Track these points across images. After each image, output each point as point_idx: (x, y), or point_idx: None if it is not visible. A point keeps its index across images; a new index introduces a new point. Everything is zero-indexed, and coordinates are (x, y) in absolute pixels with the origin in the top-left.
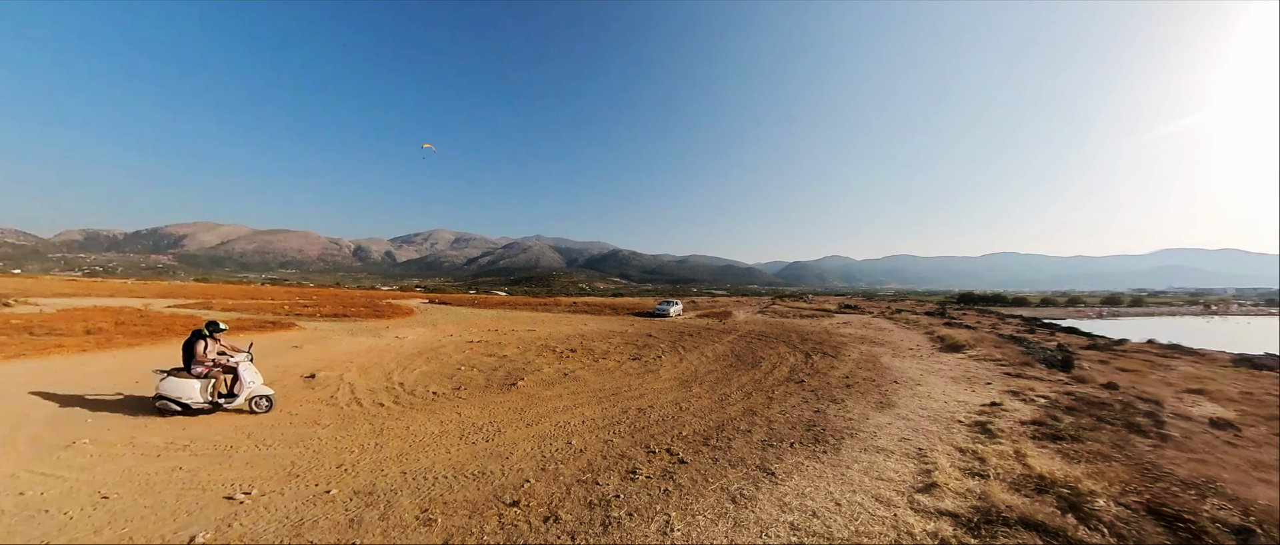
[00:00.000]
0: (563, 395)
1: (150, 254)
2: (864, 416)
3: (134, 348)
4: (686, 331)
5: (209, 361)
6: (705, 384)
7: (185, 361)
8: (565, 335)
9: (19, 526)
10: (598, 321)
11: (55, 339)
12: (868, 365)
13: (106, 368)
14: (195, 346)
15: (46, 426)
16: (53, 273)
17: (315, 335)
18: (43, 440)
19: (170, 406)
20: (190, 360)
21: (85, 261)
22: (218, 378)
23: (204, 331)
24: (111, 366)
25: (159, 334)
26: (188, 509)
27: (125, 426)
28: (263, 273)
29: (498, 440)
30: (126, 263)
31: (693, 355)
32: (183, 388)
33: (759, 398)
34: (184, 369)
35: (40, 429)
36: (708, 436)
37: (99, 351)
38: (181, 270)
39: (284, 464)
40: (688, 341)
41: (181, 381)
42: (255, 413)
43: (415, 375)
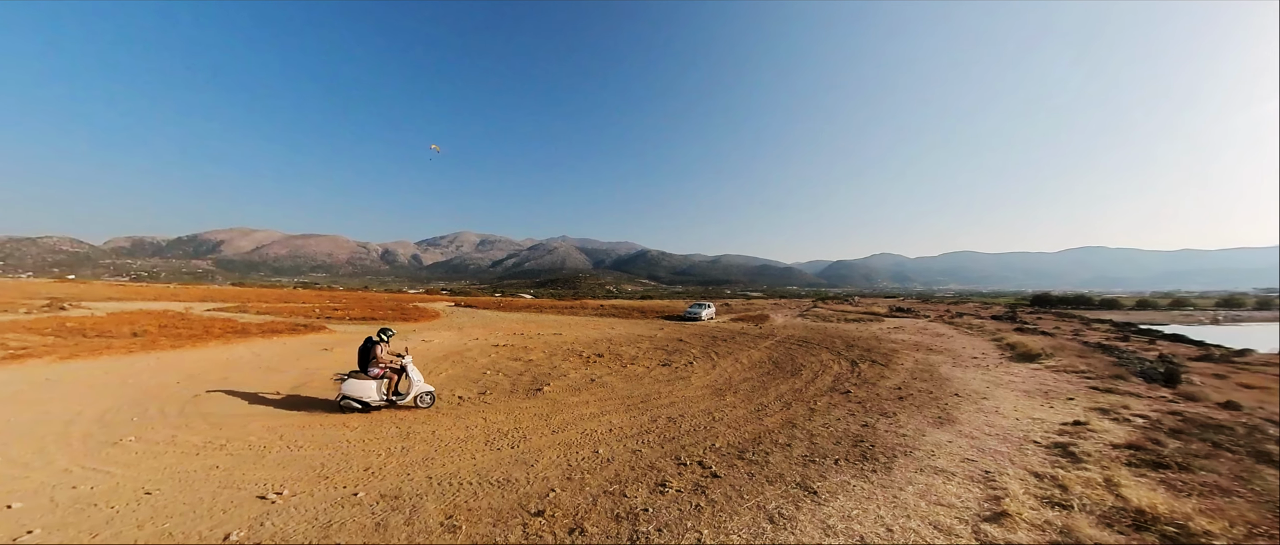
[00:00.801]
0: (590, 402)
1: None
2: (920, 433)
3: (176, 350)
4: (719, 336)
5: (385, 364)
6: (740, 393)
7: (361, 364)
8: (592, 339)
9: (72, 519)
10: (625, 325)
11: (105, 341)
12: (923, 375)
13: (150, 368)
14: (372, 350)
15: (96, 424)
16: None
17: (344, 338)
18: (93, 437)
19: (352, 405)
20: (366, 362)
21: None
22: (391, 378)
23: (376, 337)
24: (155, 367)
25: (199, 337)
26: (223, 507)
27: (166, 425)
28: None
29: (523, 447)
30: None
31: (726, 362)
32: (362, 388)
33: (799, 409)
34: (361, 371)
35: (91, 426)
36: (743, 449)
37: (144, 353)
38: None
39: (314, 465)
40: (721, 347)
41: (361, 382)
42: (419, 408)
43: (441, 379)
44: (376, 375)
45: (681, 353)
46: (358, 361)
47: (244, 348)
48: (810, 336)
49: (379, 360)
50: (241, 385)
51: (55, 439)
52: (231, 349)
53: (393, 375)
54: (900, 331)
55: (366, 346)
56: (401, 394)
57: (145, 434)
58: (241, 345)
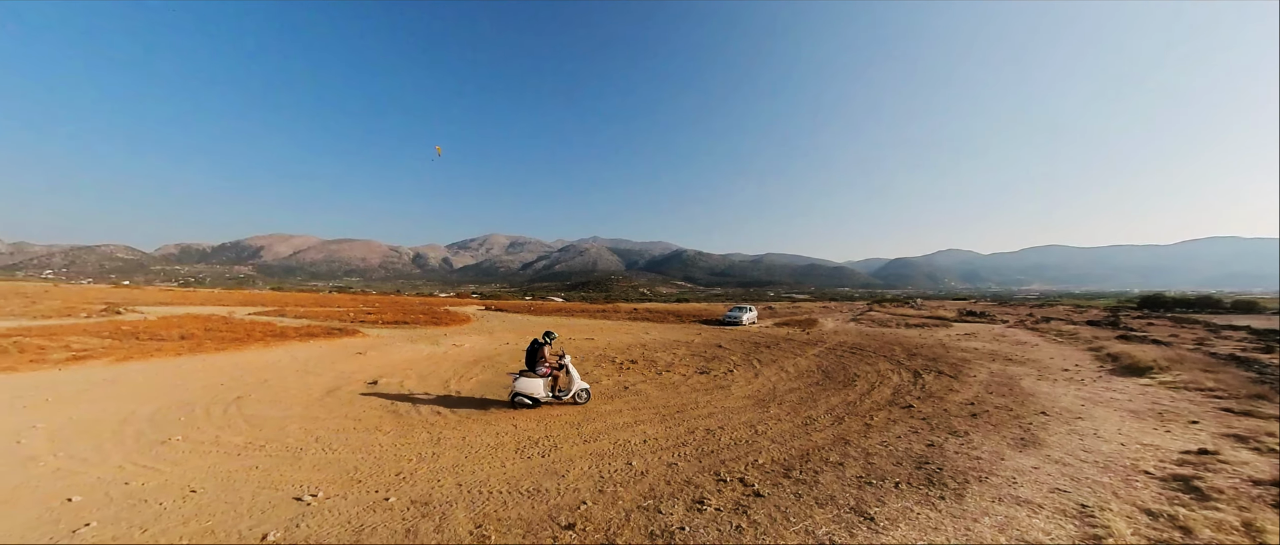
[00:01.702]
0: (623, 410)
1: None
2: (997, 456)
3: (220, 352)
4: (762, 342)
5: (551, 364)
6: (786, 404)
7: (529, 363)
8: (625, 345)
9: (124, 514)
10: (660, 330)
11: (156, 343)
12: (1001, 389)
13: (197, 370)
14: (540, 351)
15: (148, 423)
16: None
17: (377, 342)
18: (145, 435)
19: (524, 401)
20: (534, 362)
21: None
22: (558, 376)
23: (541, 340)
24: (201, 369)
25: (241, 340)
26: (262, 507)
27: (211, 426)
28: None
29: (554, 456)
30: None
31: (770, 370)
32: (532, 386)
33: (853, 424)
34: (529, 370)
35: (143, 425)
36: (789, 467)
37: (191, 355)
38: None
39: (347, 468)
40: (764, 354)
41: (531, 380)
42: (578, 403)
43: (471, 384)
44: (544, 373)
45: (721, 360)
46: (526, 361)
47: (282, 351)
48: (865, 343)
49: (546, 360)
50: (280, 387)
51: (111, 436)
52: (271, 352)
53: (558, 373)
54: (972, 339)
55: (534, 348)
56: (564, 391)
57: (191, 434)
58: (280, 348)
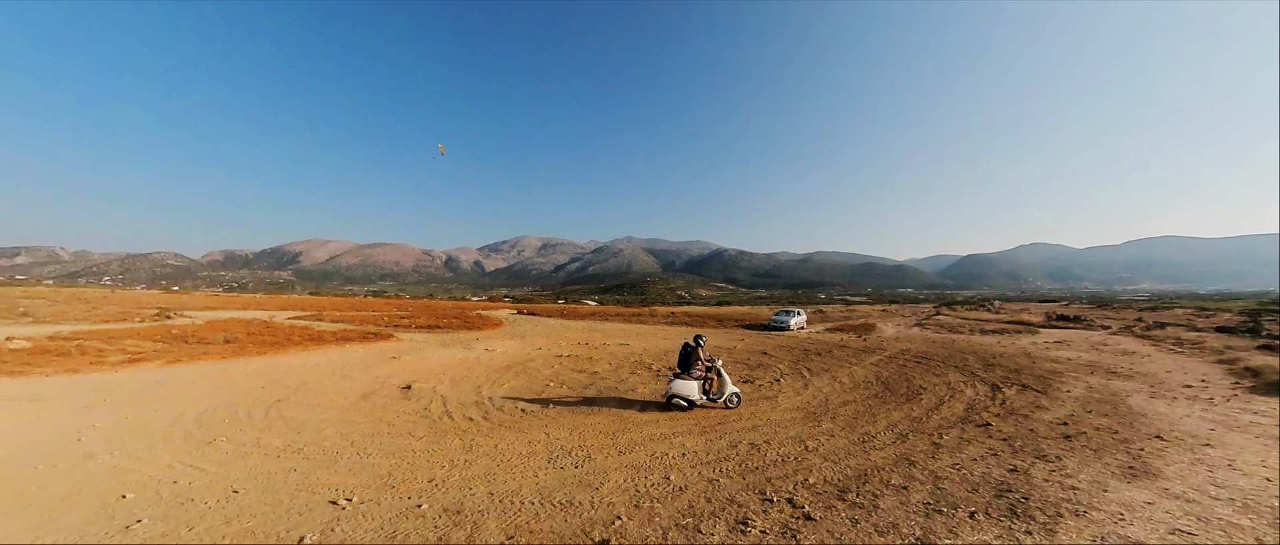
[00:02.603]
0: (660, 420)
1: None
2: (1098, 486)
3: (261, 356)
4: (812, 349)
5: (704, 367)
6: (840, 419)
7: (681, 366)
8: (662, 350)
9: (172, 511)
10: None
11: (202, 347)
12: (1103, 407)
13: (240, 373)
14: (695, 353)
15: (195, 424)
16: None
17: (411, 346)
18: (192, 436)
19: (679, 403)
20: (687, 365)
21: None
22: (711, 380)
23: (693, 343)
24: (244, 372)
25: (281, 344)
26: (299, 510)
27: (252, 428)
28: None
29: (587, 467)
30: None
31: (822, 380)
32: (688, 388)
33: (919, 443)
34: (683, 372)
35: (191, 426)
36: (844, 488)
37: (235, 358)
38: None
39: (381, 473)
40: (814, 362)
41: (686, 382)
42: (729, 407)
43: (504, 390)
44: (698, 376)
45: (766, 368)
46: (678, 363)
47: (320, 355)
48: (932, 351)
49: (701, 363)
50: (318, 391)
51: (162, 436)
52: (309, 355)
53: (712, 377)
54: (1064, 347)
55: (687, 351)
56: (717, 394)
57: (234, 435)
58: (318, 352)
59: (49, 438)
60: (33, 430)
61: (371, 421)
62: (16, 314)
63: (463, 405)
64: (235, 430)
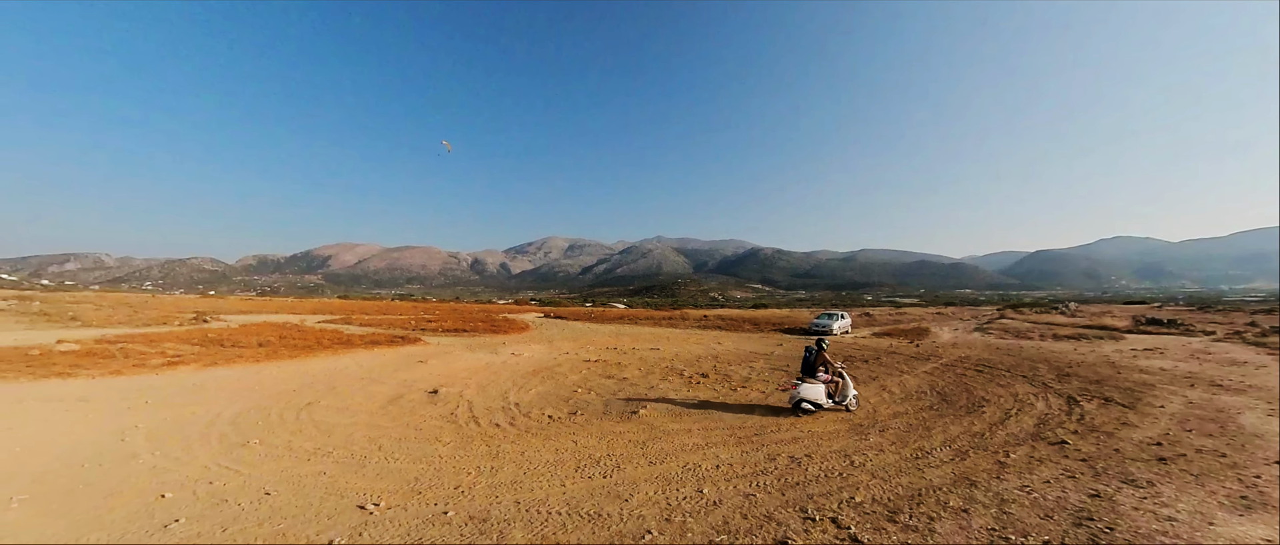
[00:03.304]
0: (693, 430)
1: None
2: (1202, 518)
3: (293, 359)
4: (858, 356)
5: (833, 371)
6: (890, 432)
7: (806, 370)
8: (695, 356)
9: (208, 512)
10: (734, 339)
11: (237, 350)
12: (1207, 426)
13: (273, 376)
14: (820, 356)
15: (230, 426)
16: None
17: (438, 350)
18: (227, 438)
19: (807, 407)
20: (811, 369)
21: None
22: (835, 383)
23: (818, 346)
24: (276, 375)
25: (311, 347)
26: (328, 514)
27: (284, 430)
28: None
29: (616, 477)
30: (287, 283)
31: (869, 389)
32: (816, 392)
33: (981, 461)
34: (807, 375)
35: (226, 428)
36: (895, 509)
37: (268, 362)
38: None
39: (408, 479)
40: (861, 370)
41: (814, 386)
42: (850, 411)
43: (531, 396)
44: (826, 380)
45: None
46: (802, 367)
47: (349, 358)
48: (995, 359)
49: (826, 365)
50: (347, 395)
51: (199, 437)
52: (339, 359)
53: (836, 380)
54: (1157, 356)
55: (810, 355)
56: (841, 397)
57: (267, 438)
58: (347, 356)
59: (96, 437)
60: (81, 430)
61: (399, 426)
62: (66, 318)
63: (489, 411)
64: (268, 433)
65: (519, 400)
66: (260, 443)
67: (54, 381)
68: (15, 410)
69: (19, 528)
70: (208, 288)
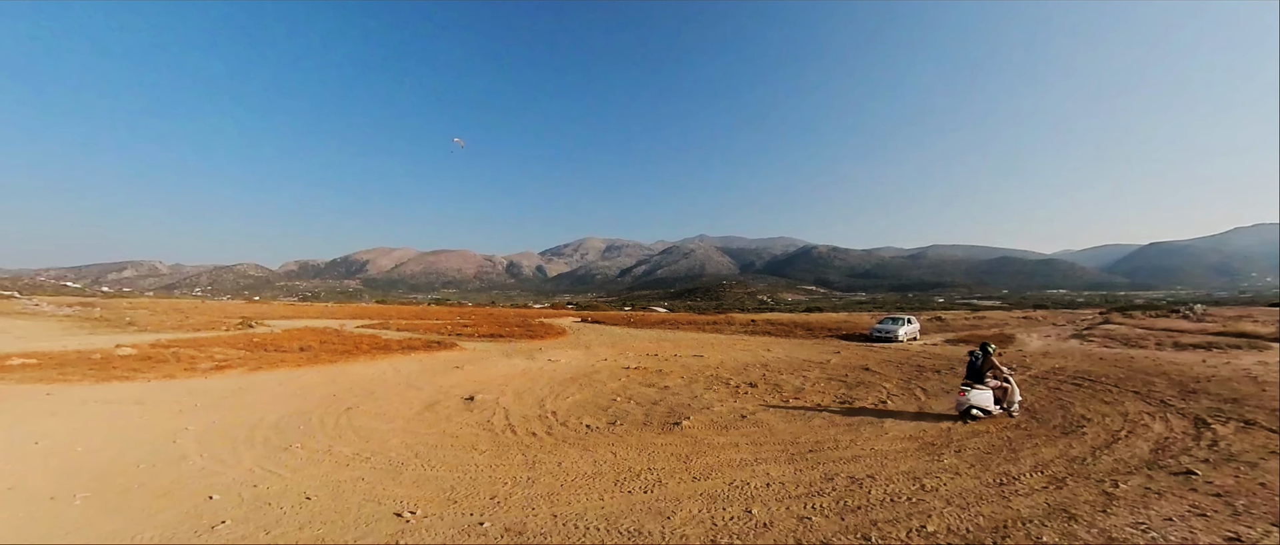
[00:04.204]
0: (740, 444)
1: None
2: None
3: (333, 364)
4: (928, 365)
5: (1001, 376)
6: (967, 453)
7: (971, 375)
8: (742, 364)
9: (252, 514)
10: (785, 346)
11: (280, 355)
12: None
13: (314, 381)
14: (985, 362)
15: (273, 430)
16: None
17: (474, 356)
18: (270, 442)
19: (976, 414)
20: (977, 374)
21: (299, 288)
22: (1003, 389)
23: (985, 351)
24: (317, 380)
25: (350, 352)
26: (366, 520)
27: (324, 435)
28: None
29: (658, 492)
30: (326, 288)
31: (942, 403)
32: (985, 398)
33: (1083, 491)
34: (975, 381)
35: (269, 432)
36: (976, 543)
37: (309, 366)
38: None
39: (445, 487)
40: (932, 381)
41: (983, 392)
42: (1012, 416)
43: (568, 404)
44: (994, 385)
45: (869, 386)
46: (967, 373)
47: (387, 363)
48: (1098, 371)
49: (993, 371)
50: (385, 400)
51: (244, 440)
52: (377, 364)
53: (1005, 385)
54: None
55: (976, 360)
56: (1010, 404)
57: (308, 442)
58: (385, 361)
59: (150, 438)
60: (137, 431)
61: (435, 433)
62: (124, 324)
63: (526, 419)
64: (308, 437)
65: (556, 408)
66: (301, 447)
67: (114, 384)
68: (80, 412)
69: (82, 524)
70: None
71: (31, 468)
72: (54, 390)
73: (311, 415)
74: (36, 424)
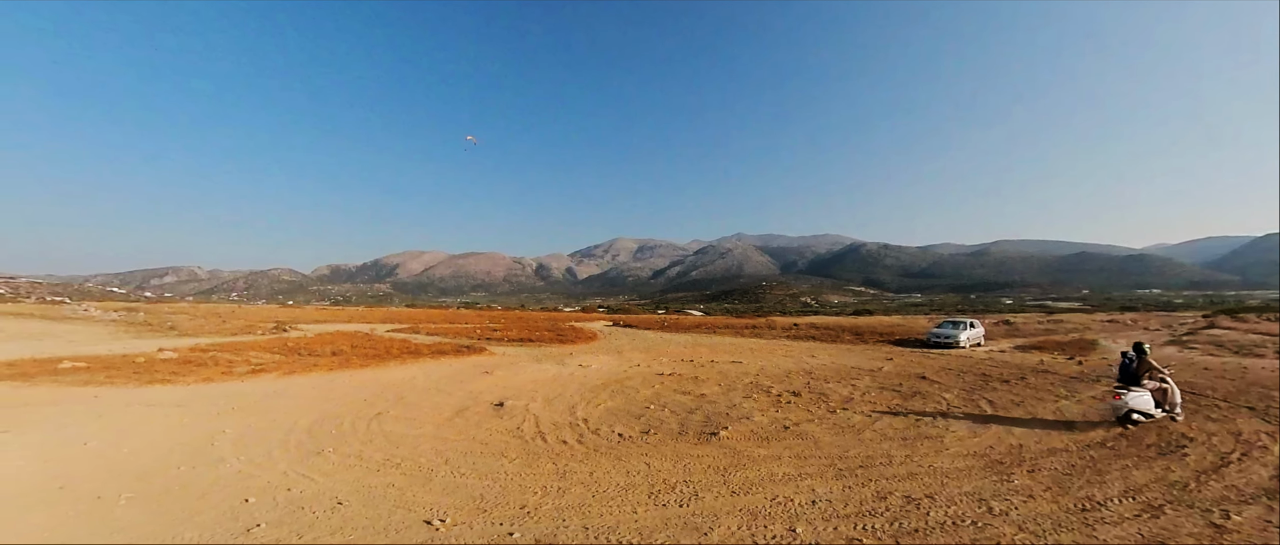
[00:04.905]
0: (783, 457)
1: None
2: None
3: (364, 368)
4: (994, 374)
5: (1158, 377)
6: (1043, 474)
7: (1125, 378)
8: (784, 371)
9: (286, 518)
10: (831, 352)
11: (313, 359)
12: None
13: (345, 385)
14: (1141, 364)
15: (306, 434)
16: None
17: (504, 361)
18: (303, 446)
19: (1137, 418)
20: (1131, 376)
21: (331, 292)
22: (1163, 391)
23: (1138, 352)
24: (349, 384)
25: (381, 357)
26: (397, 527)
27: (356, 440)
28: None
29: (695, 507)
30: (357, 292)
31: (1011, 417)
32: (1145, 401)
33: (1186, 521)
34: (1128, 384)
35: (303, 436)
36: None
37: (341, 370)
38: (396, 297)
39: (474, 495)
40: (999, 392)
41: (1141, 395)
42: (1176, 420)
43: (600, 411)
44: (1153, 388)
45: (925, 397)
46: (1120, 376)
47: (417, 368)
48: (1201, 382)
49: (1152, 373)
50: (415, 405)
51: (279, 444)
52: (407, 369)
53: (1165, 386)
54: None
55: (1129, 362)
56: (1172, 407)
57: (340, 447)
58: (415, 365)
59: (190, 440)
60: (178, 433)
61: (465, 439)
62: (165, 328)
63: (556, 426)
64: (340, 442)
65: (587, 416)
66: (333, 451)
67: (156, 387)
68: (125, 414)
69: (126, 524)
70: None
71: (81, 468)
72: (101, 393)
73: (343, 420)
74: (85, 425)
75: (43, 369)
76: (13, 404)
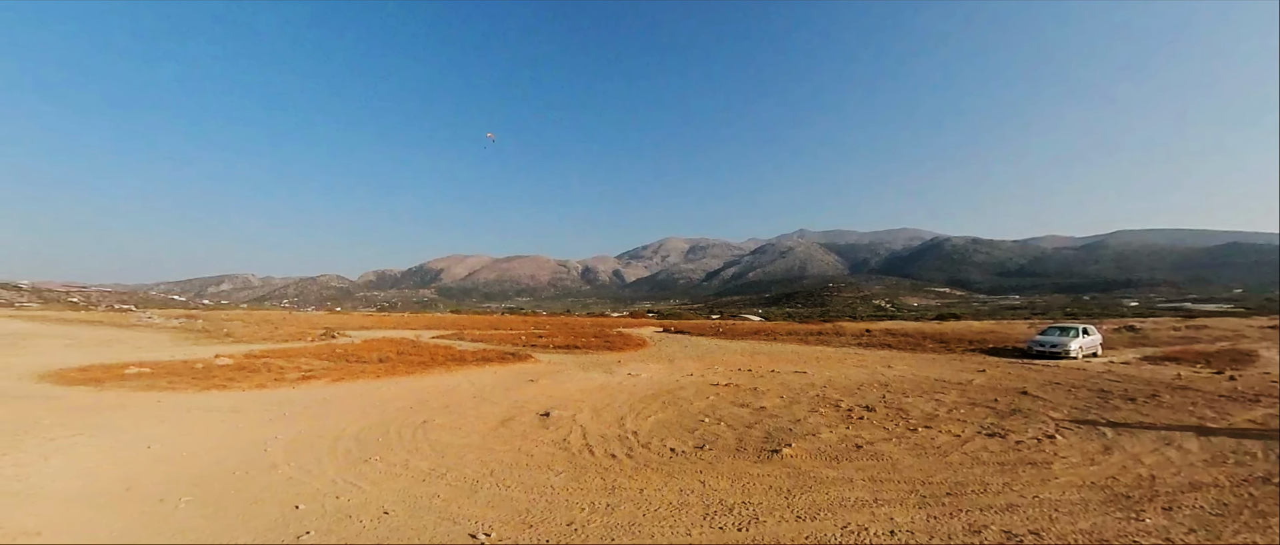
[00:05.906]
0: (855, 480)
1: (418, 288)
2: None
3: (410, 376)
4: (1115, 390)
5: None
6: (1184, 514)
7: None
8: (854, 383)
9: (334, 526)
10: (910, 362)
11: (360, 366)
12: None
13: (392, 393)
14: None
15: (354, 442)
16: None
17: (549, 368)
18: (351, 454)
19: None
20: None
21: (377, 298)
22: None
23: None
24: (395, 392)
25: (426, 364)
26: (441, 539)
27: (402, 449)
28: (501, 301)
29: (754, 531)
30: (402, 298)
31: (1139, 442)
32: None
33: None
34: None
35: (351, 444)
36: None
37: (388, 377)
38: (440, 302)
39: (520, 509)
40: (1122, 411)
41: None
42: None
43: (650, 423)
44: None
45: (1027, 415)
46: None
47: (462, 375)
48: None
49: None
50: (460, 414)
51: (328, 451)
52: (452, 376)
53: None
54: None
55: None
56: None
57: (386, 455)
58: (460, 373)
59: (245, 445)
60: (233, 438)
61: (510, 451)
62: (222, 335)
63: (604, 439)
64: (387, 450)
65: (637, 428)
66: (380, 460)
67: (213, 393)
68: (184, 419)
69: (185, 526)
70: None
71: (144, 470)
72: (163, 398)
73: (390, 427)
74: (149, 429)
75: (111, 374)
76: (86, 408)
